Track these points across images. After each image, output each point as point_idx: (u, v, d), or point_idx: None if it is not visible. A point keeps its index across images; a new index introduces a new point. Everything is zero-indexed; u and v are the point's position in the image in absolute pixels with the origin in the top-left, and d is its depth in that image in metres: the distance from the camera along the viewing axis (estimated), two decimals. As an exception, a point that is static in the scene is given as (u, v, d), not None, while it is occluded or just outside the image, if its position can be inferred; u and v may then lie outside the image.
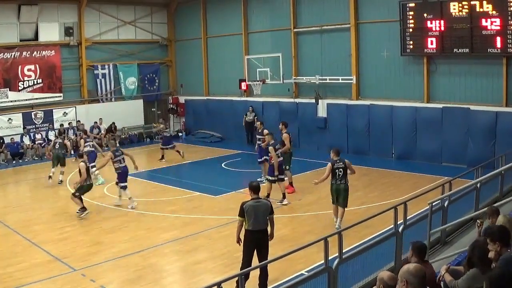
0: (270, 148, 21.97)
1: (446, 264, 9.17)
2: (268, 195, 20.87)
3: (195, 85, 42.94)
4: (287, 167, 23.06)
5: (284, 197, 21.83)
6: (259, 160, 25.46)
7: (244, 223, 13.26)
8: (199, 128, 41.06)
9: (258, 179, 23.24)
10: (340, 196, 18.43)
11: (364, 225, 13.08)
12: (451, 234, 14.98)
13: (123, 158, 22.56)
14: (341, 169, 18.49)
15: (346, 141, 32.03)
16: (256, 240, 13.23)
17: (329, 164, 18.61)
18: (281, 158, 22.17)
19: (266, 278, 12.91)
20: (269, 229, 13.51)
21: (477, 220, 11.42)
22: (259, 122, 26.89)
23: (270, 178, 21.93)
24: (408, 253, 9.04)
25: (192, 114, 42.45)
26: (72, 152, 33.20)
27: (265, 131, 24.71)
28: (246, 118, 36.23)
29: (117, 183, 22.43)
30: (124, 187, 22.23)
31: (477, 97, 26.79)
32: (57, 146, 28.21)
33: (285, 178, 22.86)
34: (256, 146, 26.15)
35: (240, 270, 12.57)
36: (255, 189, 13.44)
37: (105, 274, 15.01)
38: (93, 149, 27.92)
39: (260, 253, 13.23)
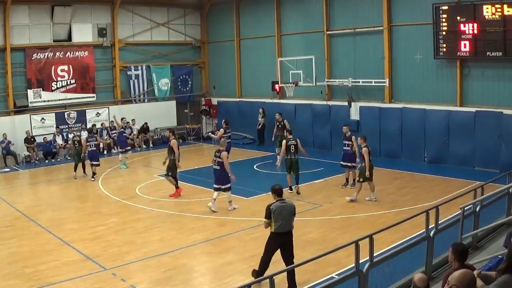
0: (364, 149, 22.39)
1: (478, 269, 9.09)
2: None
3: (228, 87, 43.06)
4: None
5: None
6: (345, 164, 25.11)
7: (271, 224, 13.38)
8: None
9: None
10: (293, 167, 23.82)
11: (396, 229, 13.02)
12: (482, 239, 14.85)
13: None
14: (293, 146, 23.80)
15: (379, 144, 31.88)
16: (281, 241, 13.47)
17: (284, 141, 24.06)
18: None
19: (294, 276, 12.94)
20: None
21: None
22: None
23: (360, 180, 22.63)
24: (449, 256, 8.91)
25: (225, 116, 42.41)
26: (105, 152, 33.61)
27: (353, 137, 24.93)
28: (263, 121, 36.08)
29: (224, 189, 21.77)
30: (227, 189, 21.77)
31: (510, 101, 26.49)
32: (76, 144, 29.45)
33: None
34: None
35: (259, 266, 13.58)
36: (278, 192, 13.65)
37: (136, 274, 15.10)
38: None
39: (285, 253, 13.52)
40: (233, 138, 34.16)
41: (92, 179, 28.36)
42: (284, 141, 24.16)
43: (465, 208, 13.71)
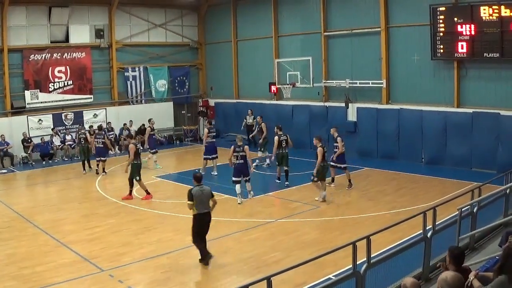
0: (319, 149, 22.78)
1: (475, 270, 9.10)
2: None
3: (225, 88, 43.11)
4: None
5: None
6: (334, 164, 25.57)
7: (192, 206, 15.55)
8: (228, 131, 41.02)
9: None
10: (284, 160, 25.75)
11: (393, 230, 13.00)
12: (480, 240, 14.87)
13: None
14: (285, 141, 25.80)
15: (376, 145, 31.98)
16: (202, 220, 15.66)
17: (276, 137, 25.84)
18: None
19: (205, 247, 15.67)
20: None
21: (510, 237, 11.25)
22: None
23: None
24: (446, 258, 8.94)
25: (222, 117, 42.50)
26: (111, 152, 33.85)
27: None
28: (246, 121, 35.98)
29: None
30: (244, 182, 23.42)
31: (507, 102, 26.53)
32: (82, 141, 30.42)
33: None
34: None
35: (200, 253, 15.69)
36: (198, 179, 16.03)
37: (133, 275, 15.09)
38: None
39: (203, 230, 15.78)
40: (231, 140, 34.12)
41: (104, 173, 29.49)
42: (276, 137, 25.93)
43: (463, 209, 13.72)
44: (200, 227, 15.66)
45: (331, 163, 25.01)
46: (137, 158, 23.71)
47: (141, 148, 29.60)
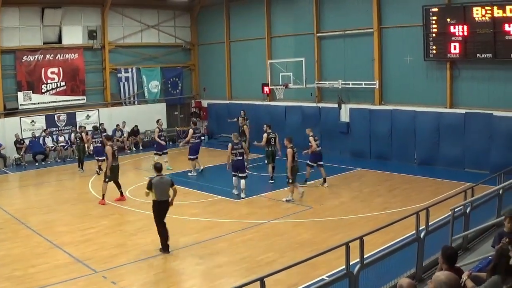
0: (289, 150, 22.97)
1: (468, 270, 9.11)
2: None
3: (218, 89, 43.09)
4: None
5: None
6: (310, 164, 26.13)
7: (151, 194, 17.03)
8: (221, 132, 40.99)
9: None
10: (272, 157, 26.66)
11: (386, 231, 13.02)
12: (473, 240, 14.90)
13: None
14: (273, 139, 26.92)
15: (369, 146, 32.02)
16: (161, 207, 17.11)
17: (265, 135, 26.94)
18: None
19: (168, 237, 17.08)
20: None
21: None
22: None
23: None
24: (439, 258, 8.95)
25: (215, 118, 42.47)
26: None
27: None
28: (238, 123, 36.00)
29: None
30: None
31: (500, 102, 26.60)
32: (78, 140, 31.00)
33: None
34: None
35: (160, 240, 17.02)
36: (158, 169, 17.65)
37: (126, 277, 15.07)
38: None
39: (161, 217, 17.08)
40: (224, 141, 34.14)
41: (99, 172, 29.45)
42: (265, 135, 27.04)
43: (456, 210, 13.76)
44: (158, 213, 17.08)
45: (308, 162, 25.68)
46: (115, 160, 23.65)
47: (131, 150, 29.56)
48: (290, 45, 37.28)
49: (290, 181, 22.76)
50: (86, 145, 31.20)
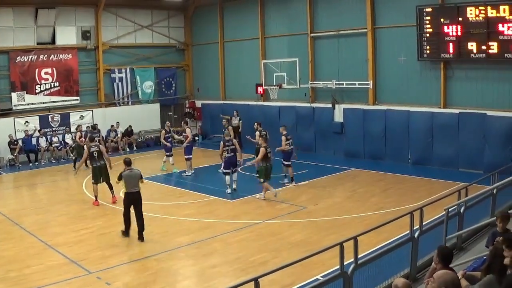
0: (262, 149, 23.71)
1: (462, 270, 9.13)
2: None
3: (212, 89, 43.07)
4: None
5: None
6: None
7: (122, 187, 18.50)
8: (215, 132, 40.96)
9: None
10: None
11: (380, 231, 13.02)
12: (467, 240, 14.92)
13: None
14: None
15: (363, 146, 32.02)
16: (132, 198, 18.29)
17: (257, 133, 26.93)
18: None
19: (143, 228, 18.27)
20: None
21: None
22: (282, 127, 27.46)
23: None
24: (434, 258, 8.95)
25: (209, 118, 42.42)
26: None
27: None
28: (232, 123, 35.88)
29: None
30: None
31: (493, 102, 26.64)
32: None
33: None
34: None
35: (124, 225, 18.40)
36: (127, 163, 18.78)
37: (120, 277, 15.03)
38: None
39: (137, 208, 18.34)
40: (218, 141, 34.13)
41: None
42: (257, 133, 27.24)
43: (450, 209, 13.76)
44: (130, 203, 18.36)
45: (283, 162, 26.20)
46: (94, 161, 23.50)
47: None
48: (284, 45, 37.26)
49: (262, 180, 23.23)
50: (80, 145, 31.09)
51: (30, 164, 33.92)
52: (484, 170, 25.25)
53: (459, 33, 26.66)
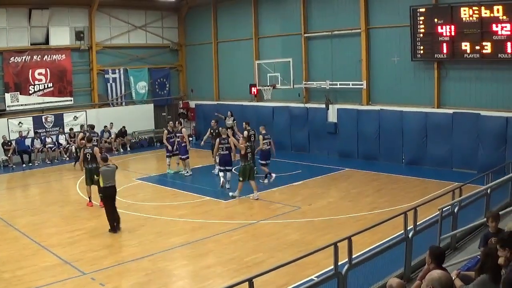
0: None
1: (457, 270, 9.13)
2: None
3: (206, 90, 43.01)
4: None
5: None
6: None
7: (100, 181, 19.71)
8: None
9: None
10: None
11: (374, 231, 13.03)
12: (461, 239, 14.94)
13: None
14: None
15: (356, 146, 32.03)
16: (109, 192, 19.52)
17: (245, 132, 27.06)
18: None
19: (119, 220, 19.56)
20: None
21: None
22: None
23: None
24: (426, 258, 8.97)
25: (203, 119, 42.35)
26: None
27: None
28: (226, 123, 35.78)
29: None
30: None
31: (487, 102, 26.69)
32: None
33: None
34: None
35: (109, 223, 19.30)
36: (105, 159, 20.03)
37: (114, 278, 15.01)
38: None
39: (113, 201, 19.55)
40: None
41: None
42: (245, 132, 27.23)
43: (444, 209, 13.78)
44: (107, 198, 19.60)
45: (260, 162, 26.64)
46: (87, 163, 23.42)
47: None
48: (277, 45, 37.25)
49: (240, 179, 23.61)
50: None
51: (24, 165, 33.83)
52: (478, 170, 25.27)
53: (452, 33, 26.68)
